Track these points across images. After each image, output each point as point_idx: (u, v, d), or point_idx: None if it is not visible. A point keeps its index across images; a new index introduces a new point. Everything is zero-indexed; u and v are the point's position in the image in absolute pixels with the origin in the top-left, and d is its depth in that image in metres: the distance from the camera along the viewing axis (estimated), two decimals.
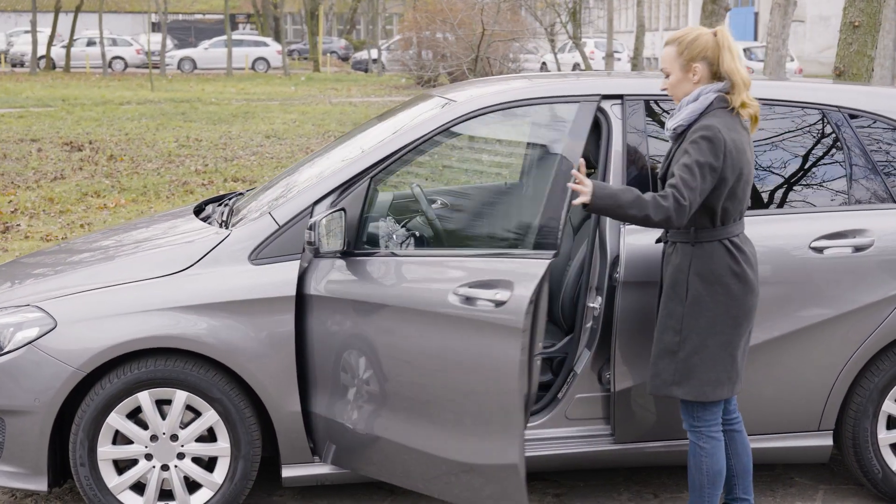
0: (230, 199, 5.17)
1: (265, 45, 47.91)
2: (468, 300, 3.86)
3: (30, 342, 4.11)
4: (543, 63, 38.90)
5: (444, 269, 4.05)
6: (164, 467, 4.20)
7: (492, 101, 4.40)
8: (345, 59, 54.10)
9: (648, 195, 3.74)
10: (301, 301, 4.17)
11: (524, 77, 5.16)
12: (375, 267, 4.15)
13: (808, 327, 4.35)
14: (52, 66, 42.93)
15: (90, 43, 44.72)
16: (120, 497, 4.19)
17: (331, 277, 4.16)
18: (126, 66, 45.17)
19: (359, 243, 4.21)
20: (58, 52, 43.80)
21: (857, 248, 4.37)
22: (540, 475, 4.77)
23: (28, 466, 4.15)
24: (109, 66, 41.87)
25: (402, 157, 4.27)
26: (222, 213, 4.73)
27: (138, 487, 4.23)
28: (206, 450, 4.22)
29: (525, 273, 3.84)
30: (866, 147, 4.51)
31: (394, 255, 4.23)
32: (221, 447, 4.21)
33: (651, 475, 4.84)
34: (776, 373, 4.37)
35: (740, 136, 3.82)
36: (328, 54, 52.03)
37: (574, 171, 3.75)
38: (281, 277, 4.17)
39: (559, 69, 34.06)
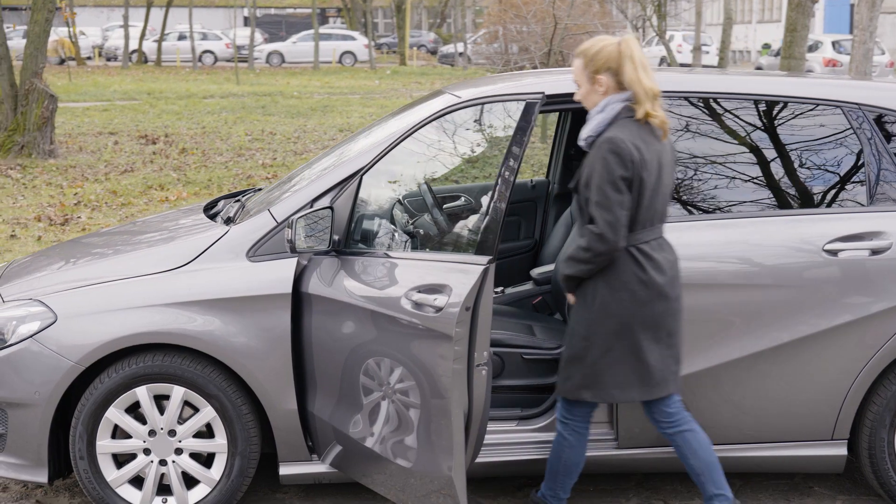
0: (246, 195, 5.16)
1: (352, 38, 48.22)
2: (417, 305, 3.78)
3: (31, 336, 4.16)
4: None
5: (406, 272, 3.97)
6: (163, 462, 4.22)
7: (449, 102, 4.35)
8: (434, 52, 54.19)
9: (572, 248, 3.83)
10: (301, 299, 4.15)
11: (524, 74, 5.07)
12: (356, 267, 4.10)
13: (821, 332, 4.20)
14: (143, 60, 43.81)
15: (181, 37, 45.48)
16: (118, 491, 4.22)
17: (321, 276, 4.13)
18: (216, 59, 45.85)
19: (350, 242, 4.17)
20: (150, 47, 44.68)
21: (875, 251, 4.21)
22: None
23: (29, 458, 4.20)
24: (199, 60, 42.57)
25: (382, 157, 4.24)
26: (230, 210, 4.73)
27: (137, 482, 4.26)
28: (203, 446, 4.22)
29: (462, 279, 3.71)
30: (887, 146, 4.33)
31: (387, 255, 4.17)
32: (219, 444, 4.21)
33: (664, 481, 4.73)
34: (787, 379, 4.23)
35: (648, 145, 3.78)
36: (416, 48, 52.18)
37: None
38: (277, 274, 4.15)
39: None
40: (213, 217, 4.77)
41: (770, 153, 4.37)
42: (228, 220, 4.52)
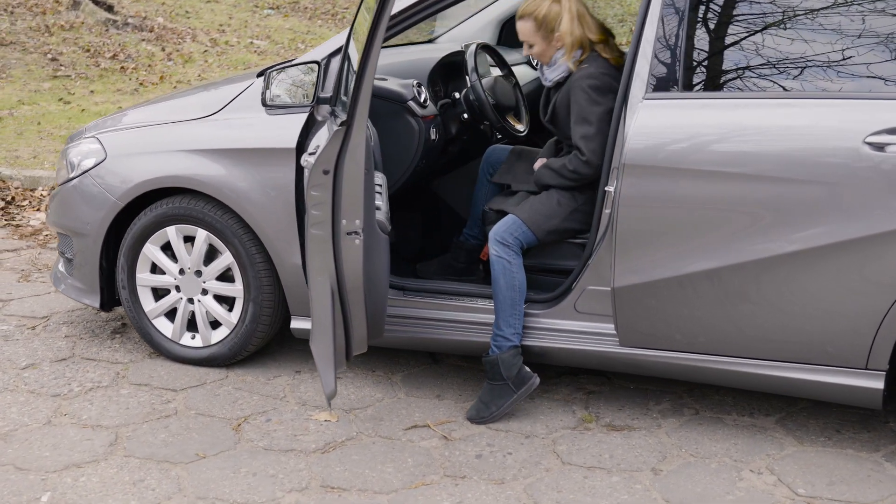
0: None
1: None
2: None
3: (87, 170, 4.50)
4: None
5: (325, 133, 3.76)
6: (191, 301, 4.44)
7: None
8: None
9: (558, 163, 4.03)
10: None
11: None
12: (328, 125, 3.97)
13: (856, 241, 3.48)
14: None
15: None
16: (154, 322, 4.51)
17: (314, 132, 4.05)
18: None
19: (339, 100, 4.04)
20: None
21: None
22: (593, 371, 4.38)
23: (87, 283, 4.60)
24: None
25: None
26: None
27: (172, 316, 4.51)
28: (224, 289, 4.37)
29: (323, 142, 3.46)
30: None
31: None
32: (237, 289, 4.35)
33: (716, 391, 4.23)
34: (811, 290, 3.57)
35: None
36: None
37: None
38: (286, 129, 4.14)
39: None
40: None
41: (798, 25, 3.62)
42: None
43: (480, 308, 4.10)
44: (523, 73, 5.36)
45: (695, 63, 3.72)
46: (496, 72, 4.85)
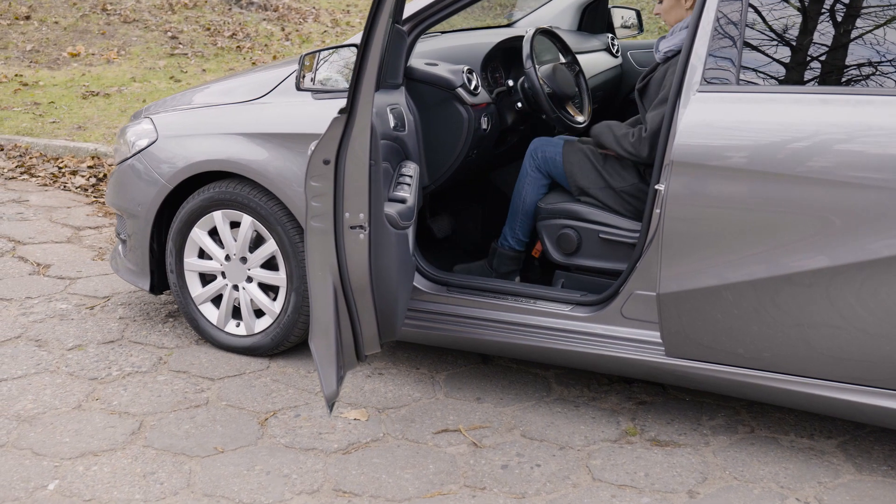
0: None
1: None
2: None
3: (140, 151, 4.44)
4: None
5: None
6: (236, 288, 4.34)
7: None
8: None
9: (622, 127, 3.94)
10: None
11: None
12: None
13: None
14: None
15: None
16: (200, 307, 4.43)
17: None
18: None
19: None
20: None
21: None
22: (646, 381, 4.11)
23: (139, 266, 4.55)
24: None
25: None
26: None
27: (219, 302, 4.43)
28: (267, 277, 4.25)
29: (324, 131, 3.26)
30: None
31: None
32: (280, 277, 4.23)
33: (775, 408, 3.93)
34: (888, 304, 3.23)
35: None
36: None
37: None
38: (329, 112, 3.99)
39: None
40: None
41: (864, 19, 3.28)
42: None
43: (527, 308, 3.89)
44: (598, 62, 5.09)
45: (756, 54, 3.41)
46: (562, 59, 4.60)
